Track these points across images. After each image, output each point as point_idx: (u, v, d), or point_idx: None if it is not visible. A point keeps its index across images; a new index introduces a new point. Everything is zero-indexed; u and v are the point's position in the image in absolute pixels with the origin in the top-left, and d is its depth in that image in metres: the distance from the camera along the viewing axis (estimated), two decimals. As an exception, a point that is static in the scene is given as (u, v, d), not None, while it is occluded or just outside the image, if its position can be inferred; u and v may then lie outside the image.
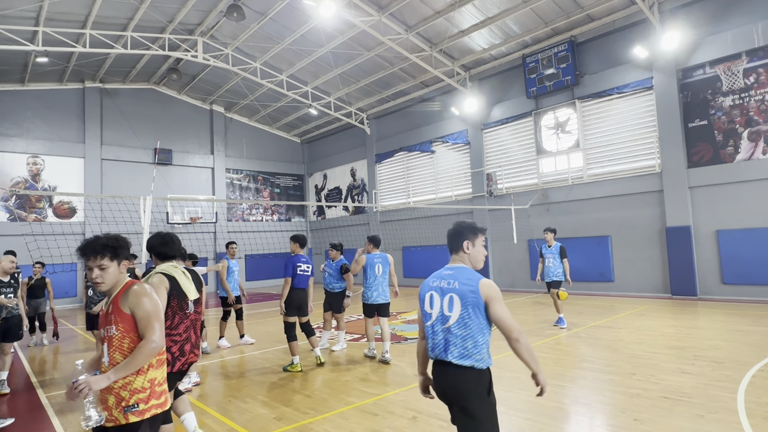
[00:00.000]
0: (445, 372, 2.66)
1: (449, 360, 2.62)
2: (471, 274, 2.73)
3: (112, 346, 2.46)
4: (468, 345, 2.61)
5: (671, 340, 7.58)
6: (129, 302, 2.50)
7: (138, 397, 2.44)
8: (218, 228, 22.74)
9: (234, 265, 9.05)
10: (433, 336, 2.73)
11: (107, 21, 15.18)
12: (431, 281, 2.84)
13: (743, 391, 4.99)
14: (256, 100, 22.33)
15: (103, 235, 2.62)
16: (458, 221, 2.92)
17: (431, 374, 2.79)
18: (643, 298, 12.61)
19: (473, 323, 2.61)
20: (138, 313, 2.49)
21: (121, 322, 2.47)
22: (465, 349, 2.61)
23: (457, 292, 2.66)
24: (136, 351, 2.42)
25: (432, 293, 2.79)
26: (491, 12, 14.36)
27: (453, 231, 2.89)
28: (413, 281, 20.13)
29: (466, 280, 2.68)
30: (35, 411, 5.61)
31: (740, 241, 11.69)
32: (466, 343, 2.61)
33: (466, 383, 2.61)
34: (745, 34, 11.65)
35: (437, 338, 2.70)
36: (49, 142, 18.93)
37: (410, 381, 6.05)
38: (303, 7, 14.62)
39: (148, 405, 2.46)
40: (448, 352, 2.63)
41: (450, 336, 2.64)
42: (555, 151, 15.45)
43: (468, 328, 2.61)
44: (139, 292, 2.54)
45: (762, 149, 11.52)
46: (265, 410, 5.20)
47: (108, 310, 2.53)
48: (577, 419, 4.56)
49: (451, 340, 2.63)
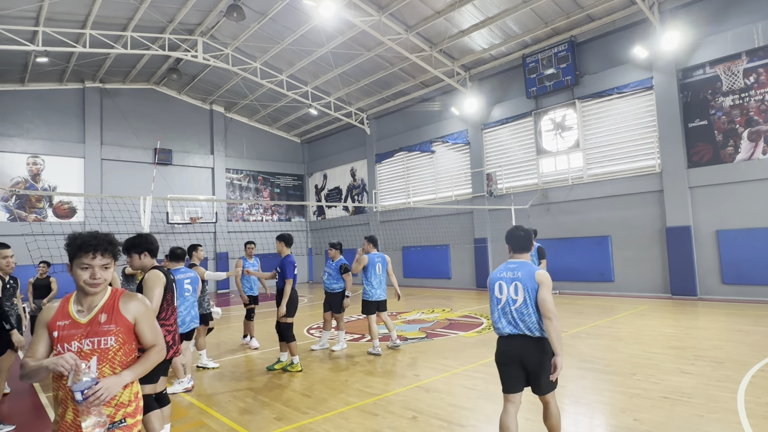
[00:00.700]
0: (524, 343, 3.45)
1: (522, 333, 3.44)
2: (531, 267, 3.54)
3: (105, 360, 2.20)
4: (532, 322, 3.43)
5: (671, 340, 7.58)
6: (132, 309, 2.33)
7: (126, 411, 2.25)
8: (218, 228, 22.74)
9: (251, 266, 8.96)
10: (503, 315, 3.53)
11: (107, 21, 15.18)
12: (498, 273, 3.65)
13: (743, 391, 4.99)
14: (256, 100, 22.33)
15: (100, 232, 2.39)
16: (522, 227, 3.73)
17: (504, 349, 3.54)
18: (643, 298, 12.61)
19: (531, 304, 3.43)
20: (145, 320, 2.36)
21: (122, 332, 2.26)
22: (529, 323, 3.43)
23: (520, 280, 3.48)
24: (149, 357, 2.31)
25: (501, 282, 3.58)
26: (491, 12, 14.36)
27: (524, 236, 3.68)
28: (413, 281, 20.13)
29: (528, 271, 3.50)
30: (36, 411, 5.61)
31: (740, 241, 11.69)
32: (529, 318, 3.43)
33: (541, 349, 3.42)
34: (745, 34, 11.65)
35: (507, 319, 3.51)
36: (49, 142, 18.93)
37: (410, 381, 6.05)
38: (303, 7, 14.62)
39: (135, 419, 2.30)
40: (521, 327, 3.44)
41: (516, 315, 3.47)
42: (555, 151, 15.45)
43: (528, 308, 3.43)
44: (142, 298, 2.41)
45: (762, 149, 11.52)
46: (265, 410, 5.20)
47: (99, 320, 2.24)
48: (577, 419, 4.56)
49: (518, 320, 3.46)
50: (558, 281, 14.34)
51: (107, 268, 2.29)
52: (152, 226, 7.79)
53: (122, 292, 2.38)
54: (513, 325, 3.47)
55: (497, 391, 5.42)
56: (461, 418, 4.68)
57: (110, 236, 2.36)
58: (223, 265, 22.63)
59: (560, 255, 14.58)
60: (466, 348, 7.79)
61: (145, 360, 2.31)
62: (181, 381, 6.08)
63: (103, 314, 2.26)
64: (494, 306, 3.60)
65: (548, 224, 15.20)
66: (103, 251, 2.26)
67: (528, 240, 3.67)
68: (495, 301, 3.59)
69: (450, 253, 18.57)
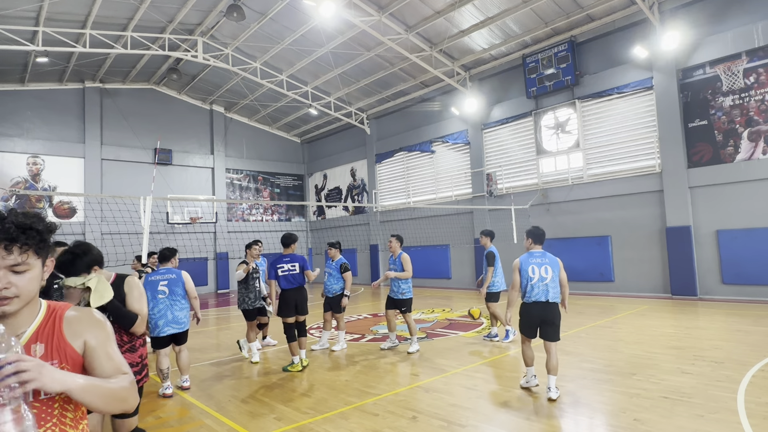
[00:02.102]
0: (546, 306, 5.19)
1: (548, 300, 5.18)
2: (552, 255, 5.36)
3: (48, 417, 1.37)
4: (556, 292, 5.23)
5: (671, 340, 7.58)
6: (83, 330, 1.50)
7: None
8: (218, 228, 22.74)
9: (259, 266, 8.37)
10: (536, 288, 5.19)
11: (107, 21, 15.17)
12: (530, 259, 5.28)
13: (743, 391, 4.99)
14: (256, 100, 22.33)
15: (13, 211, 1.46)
16: (539, 226, 5.55)
17: (530, 310, 5.25)
18: (643, 298, 12.61)
19: (557, 280, 5.24)
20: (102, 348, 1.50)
21: (68, 363, 1.44)
22: (555, 294, 5.22)
23: (549, 264, 5.25)
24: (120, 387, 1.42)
25: (533, 266, 5.24)
26: (491, 12, 14.36)
27: (542, 232, 5.50)
28: (413, 281, 20.08)
29: (552, 258, 5.32)
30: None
31: (740, 241, 11.69)
32: (555, 290, 5.22)
33: (556, 310, 5.24)
34: (745, 34, 11.65)
35: (539, 289, 5.19)
36: (49, 142, 18.92)
37: (410, 381, 6.05)
38: (303, 7, 14.61)
39: None
40: (548, 296, 5.18)
41: (548, 288, 5.19)
42: (555, 151, 15.44)
43: (555, 283, 5.23)
44: (98, 316, 1.57)
45: (762, 149, 11.52)
46: (265, 410, 5.20)
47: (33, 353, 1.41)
48: (577, 419, 4.56)
49: (548, 290, 5.18)
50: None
51: (23, 272, 1.39)
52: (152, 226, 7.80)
53: (64, 307, 1.54)
54: (544, 294, 5.16)
55: (497, 391, 5.44)
56: (461, 418, 4.68)
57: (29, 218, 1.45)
58: (223, 265, 22.64)
59: (560, 255, 14.35)
60: (466, 348, 7.79)
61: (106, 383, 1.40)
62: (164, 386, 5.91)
63: (39, 344, 1.43)
64: (526, 282, 5.22)
65: (548, 224, 15.17)
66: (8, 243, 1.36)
67: (544, 236, 5.51)
68: (528, 279, 5.21)
69: (450, 253, 18.56)
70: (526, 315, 5.27)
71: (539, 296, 5.14)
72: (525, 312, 5.30)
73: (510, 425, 4.47)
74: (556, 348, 5.22)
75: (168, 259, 6.10)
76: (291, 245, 7.09)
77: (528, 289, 5.20)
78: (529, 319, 5.26)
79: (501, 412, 4.82)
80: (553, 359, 5.13)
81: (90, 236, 18.58)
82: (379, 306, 13.81)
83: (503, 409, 4.91)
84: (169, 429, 4.81)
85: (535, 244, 5.41)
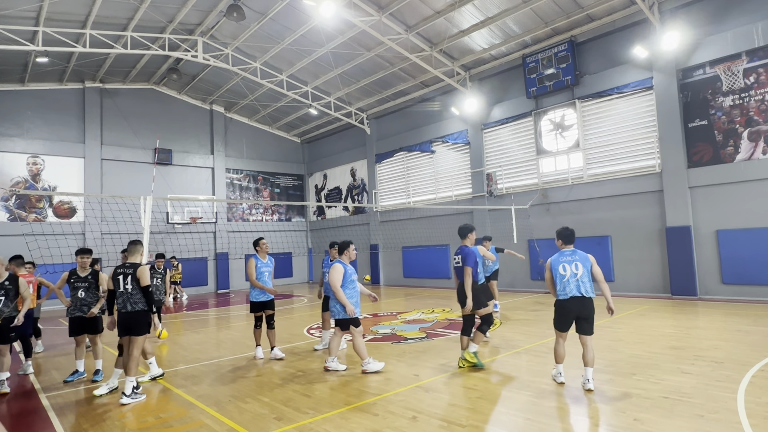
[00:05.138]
0: (582, 301, 5.43)
1: (584, 295, 5.42)
2: (583, 252, 5.60)
3: None
4: (589, 287, 5.47)
5: (671, 340, 7.58)
6: None
7: None
8: (218, 228, 22.74)
9: (264, 265, 7.75)
10: (570, 284, 5.47)
11: (107, 21, 15.17)
12: (560, 258, 5.60)
13: (743, 391, 4.99)
14: (256, 100, 22.33)
15: None
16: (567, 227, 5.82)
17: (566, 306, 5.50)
18: (643, 298, 12.61)
19: (589, 275, 5.49)
20: None
21: None
22: (588, 289, 5.46)
23: (579, 261, 5.52)
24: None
25: (564, 264, 5.55)
26: (491, 12, 14.36)
27: (571, 232, 5.76)
28: (413, 281, 20.14)
29: (582, 255, 5.58)
30: (36, 413, 5.61)
31: (740, 241, 11.69)
32: (587, 285, 5.46)
33: (591, 306, 5.46)
34: (745, 34, 11.65)
35: (573, 285, 5.46)
36: (49, 142, 18.93)
37: (410, 381, 6.05)
38: (303, 7, 14.61)
39: None
40: (583, 291, 5.43)
41: (579, 283, 5.44)
42: (555, 151, 15.44)
43: (588, 278, 5.48)
44: None
45: (762, 149, 11.52)
46: (265, 410, 5.20)
47: None
48: (577, 419, 4.56)
49: (581, 285, 5.44)
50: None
51: None
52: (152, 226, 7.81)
53: None
54: (577, 289, 5.43)
55: (497, 391, 5.44)
56: (461, 418, 4.68)
57: None
58: (224, 264, 22.64)
59: (560, 255, 14.57)
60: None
61: None
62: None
63: None
64: (560, 279, 5.55)
65: (548, 224, 15.19)
66: None
67: (573, 235, 5.79)
68: (560, 277, 5.54)
69: (450, 253, 18.56)
70: (562, 310, 5.53)
71: (574, 292, 5.42)
72: (560, 308, 5.54)
73: (510, 425, 4.47)
74: (592, 341, 5.41)
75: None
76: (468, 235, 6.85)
77: (562, 286, 5.51)
78: (564, 315, 5.51)
79: (501, 412, 4.82)
80: (590, 353, 5.35)
81: (90, 236, 18.59)
82: (379, 306, 13.81)
83: (503, 409, 4.91)
84: (169, 429, 4.81)
85: (565, 244, 5.70)
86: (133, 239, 6.42)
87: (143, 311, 5.98)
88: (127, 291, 5.92)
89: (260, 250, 7.80)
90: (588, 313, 5.40)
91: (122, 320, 5.97)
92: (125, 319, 5.94)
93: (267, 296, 7.71)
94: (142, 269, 6.01)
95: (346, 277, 6.51)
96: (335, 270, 6.48)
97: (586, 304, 5.40)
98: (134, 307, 5.92)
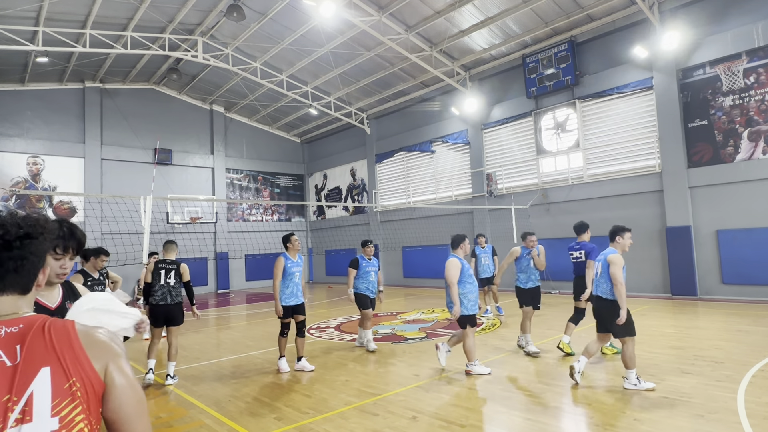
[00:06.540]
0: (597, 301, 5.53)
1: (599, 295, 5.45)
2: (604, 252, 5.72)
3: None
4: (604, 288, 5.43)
5: (671, 340, 7.58)
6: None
7: None
8: (218, 228, 22.74)
9: (294, 264, 6.80)
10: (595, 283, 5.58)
11: (107, 21, 15.17)
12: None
13: (743, 391, 4.99)
14: (256, 100, 22.33)
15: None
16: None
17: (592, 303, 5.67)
18: (643, 298, 12.61)
19: (605, 275, 5.42)
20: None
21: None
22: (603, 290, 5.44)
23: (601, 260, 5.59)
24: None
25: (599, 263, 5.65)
26: (491, 12, 14.36)
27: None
28: (413, 281, 20.13)
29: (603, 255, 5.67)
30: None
31: (740, 241, 11.69)
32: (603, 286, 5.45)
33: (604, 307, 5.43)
34: (745, 34, 11.65)
35: (595, 284, 5.54)
36: (49, 142, 18.93)
37: (410, 381, 6.05)
38: (303, 7, 14.61)
39: None
40: (598, 290, 5.49)
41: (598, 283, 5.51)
42: (555, 151, 15.44)
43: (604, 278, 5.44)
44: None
45: (762, 149, 11.52)
46: (265, 410, 5.20)
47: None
48: (577, 419, 4.56)
49: (598, 286, 5.51)
50: (558, 281, 14.34)
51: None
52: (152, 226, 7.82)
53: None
54: (596, 288, 5.56)
55: (497, 391, 5.45)
56: (461, 418, 4.68)
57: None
58: (224, 265, 22.64)
59: (560, 255, 14.53)
60: (466, 348, 7.77)
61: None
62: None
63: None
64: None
65: (548, 224, 15.19)
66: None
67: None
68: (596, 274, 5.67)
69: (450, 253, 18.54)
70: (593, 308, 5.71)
71: (594, 290, 5.60)
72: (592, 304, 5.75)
73: (510, 425, 4.47)
74: (630, 344, 5.19)
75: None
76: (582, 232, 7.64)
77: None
78: (593, 312, 5.64)
79: (501, 412, 4.82)
80: (624, 354, 5.22)
81: (90, 236, 18.55)
82: (379, 306, 13.79)
83: (503, 409, 4.91)
84: (169, 429, 4.81)
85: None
86: (169, 239, 6.99)
87: (181, 303, 6.54)
88: (169, 284, 6.44)
89: (291, 247, 6.82)
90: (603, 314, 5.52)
91: (163, 312, 6.41)
92: (166, 311, 6.41)
93: (299, 299, 6.79)
94: (184, 266, 6.64)
95: (463, 272, 6.20)
96: (452, 265, 6.15)
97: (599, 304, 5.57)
98: (174, 299, 6.44)
